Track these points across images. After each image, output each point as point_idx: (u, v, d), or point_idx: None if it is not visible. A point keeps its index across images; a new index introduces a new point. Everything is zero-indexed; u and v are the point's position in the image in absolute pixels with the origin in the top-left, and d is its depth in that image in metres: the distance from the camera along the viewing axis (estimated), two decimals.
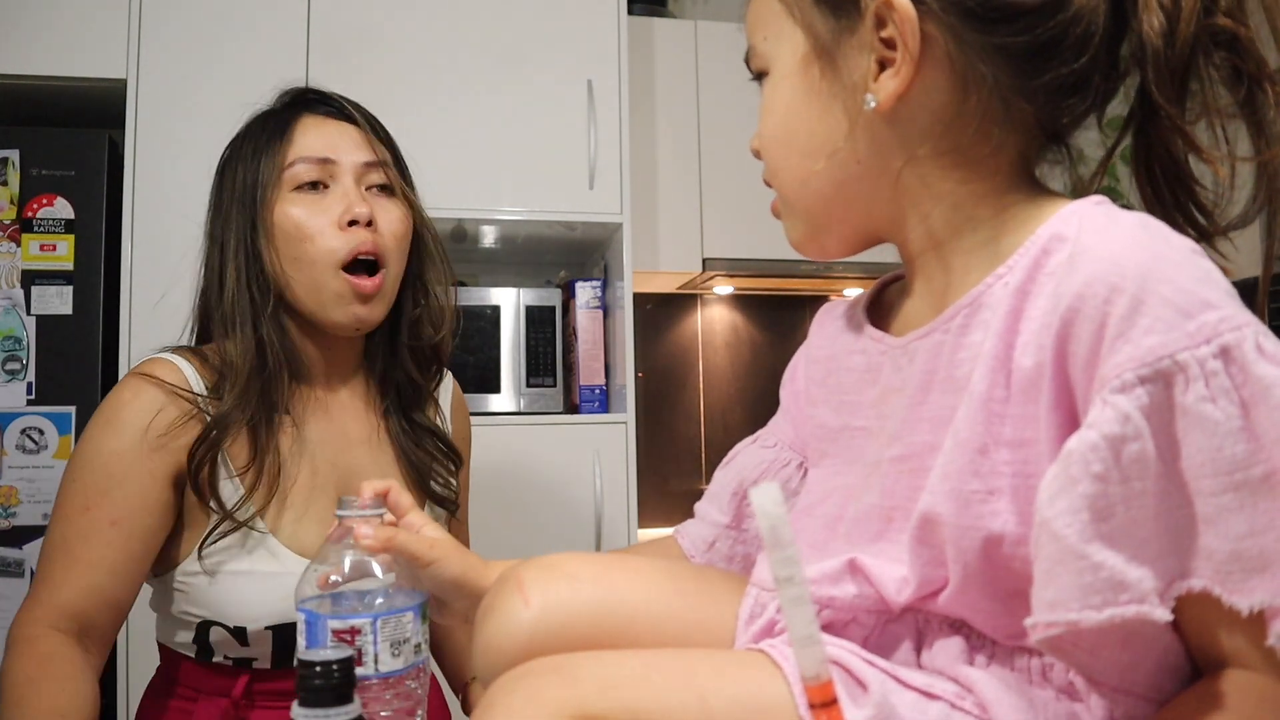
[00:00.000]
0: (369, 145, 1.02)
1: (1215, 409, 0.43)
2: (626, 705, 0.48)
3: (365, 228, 0.96)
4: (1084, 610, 0.43)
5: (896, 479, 0.56)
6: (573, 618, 0.57)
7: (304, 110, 1.02)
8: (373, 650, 0.66)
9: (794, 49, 0.59)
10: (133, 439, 0.91)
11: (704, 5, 2.79)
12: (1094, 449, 0.43)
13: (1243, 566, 0.43)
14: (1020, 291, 0.51)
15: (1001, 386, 0.50)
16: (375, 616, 0.67)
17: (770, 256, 2.42)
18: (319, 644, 0.66)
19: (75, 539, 0.89)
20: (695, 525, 0.78)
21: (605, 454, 2.04)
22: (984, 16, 0.52)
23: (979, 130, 0.55)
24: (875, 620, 0.55)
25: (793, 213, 0.62)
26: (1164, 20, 0.51)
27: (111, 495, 0.90)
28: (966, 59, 0.53)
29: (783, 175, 0.61)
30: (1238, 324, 0.43)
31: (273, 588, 0.91)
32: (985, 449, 0.50)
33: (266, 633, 0.92)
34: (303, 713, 0.50)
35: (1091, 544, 0.43)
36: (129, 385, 0.94)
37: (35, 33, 1.87)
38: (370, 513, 0.72)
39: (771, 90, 0.61)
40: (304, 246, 0.96)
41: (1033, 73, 0.53)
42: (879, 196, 0.59)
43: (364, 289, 0.96)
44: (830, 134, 0.58)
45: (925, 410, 0.55)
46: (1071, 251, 0.49)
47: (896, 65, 0.54)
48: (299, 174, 0.97)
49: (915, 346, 0.57)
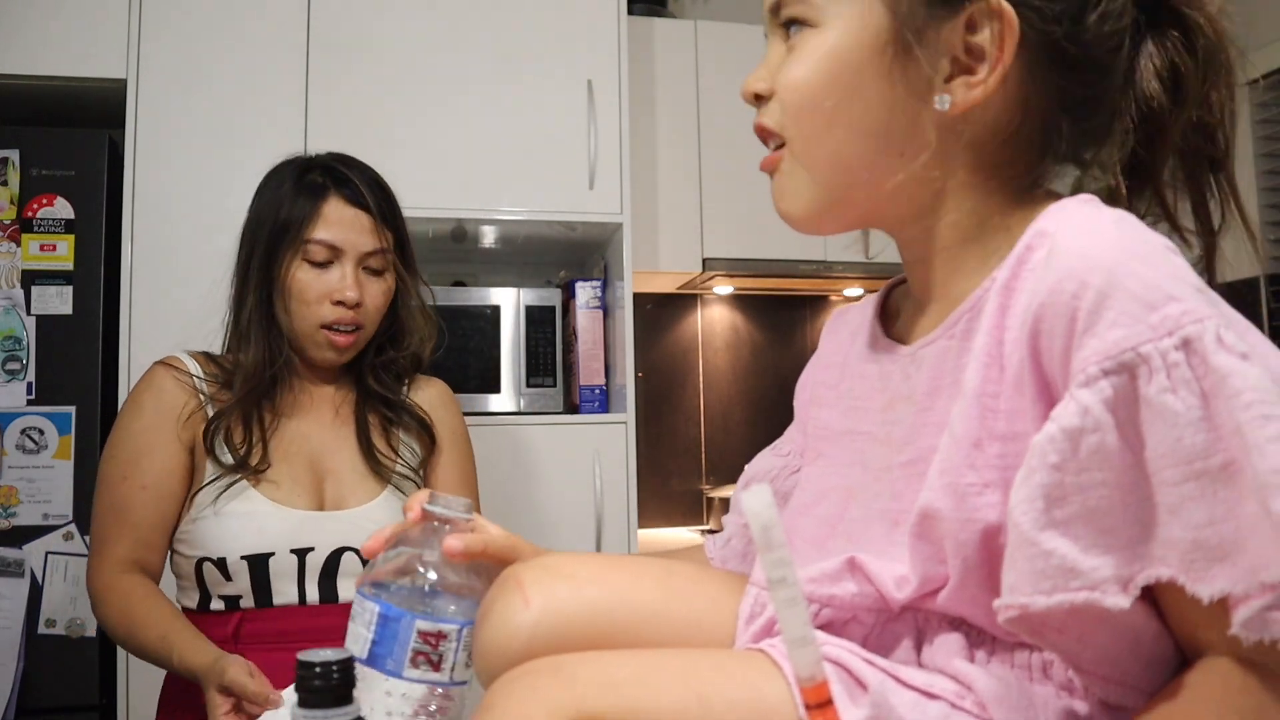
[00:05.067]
0: (375, 234, 1.25)
1: (1176, 400, 0.43)
2: (626, 705, 0.48)
3: (350, 308, 1.23)
4: (1034, 595, 0.45)
5: (906, 484, 0.56)
6: (573, 618, 0.57)
7: (331, 192, 1.24)
8: (452, 658, 0.63)
9: (865, 18, 0.57)
10: (153, 416, 1.18)
11: (704, 5, 2.79)
12: (1051, 440, 0.45)
13: (1204, 555, 0.43)
14: (1006, 288, 0.52)
15: (994, 381, 0.51)
16: (463, 624, 0.63)
17: (770, 256, 2.42)
18: (398, 641, 0.61)
19: (120, 504, 1.16)
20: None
21: (605, 454, 2.04)
22: (1064, 58, 0.56)
23: (1022, 153, 0.58)
24: (875, 619, 0.55)
25: (807, 175, 0.60)
26: (1164, 97, 0.57)
27: (141, 465, 1.16)
28: (1034, 88, 0.56)
29: (813, 141, 0.59)
30: (1199, 316, 0.44)
31: (246, 525, 1.15)
32: (980, 443, 0.50)
33: (243, 563, 1.14)
34: (303, 713, 0.50)
35: (1044, 532, 0.45)
36: (147, 375, 1.22)
37: (35, 33, 1.87)
38: (463, 516, 0.68)
39: (819, 44, 0.57)
40: (302, 307, 1.22)
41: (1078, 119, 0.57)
42: (903, 192, 0.59)
43: (338, 343, 1.24)
44: (882, 119, 0.57)
45: (932, 416, 0.56)
46: (1050, 248, 0.49)
47: (982, 75, 0.55)
48: (312, 252, 1.22)
49: (922, 354, 0.58)
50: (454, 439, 1.36)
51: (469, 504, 0.69)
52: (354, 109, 1.98)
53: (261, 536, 1.14)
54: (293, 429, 1.25)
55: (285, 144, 1.88)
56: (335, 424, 1.28)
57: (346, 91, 1.99)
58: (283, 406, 1.25)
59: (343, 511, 1.20)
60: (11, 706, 1.68)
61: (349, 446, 1.26)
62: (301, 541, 1.16)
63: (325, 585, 1.17)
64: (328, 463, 1.24)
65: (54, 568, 1.75)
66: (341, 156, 1.30)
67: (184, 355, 1.24)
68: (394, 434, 1.30)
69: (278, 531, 1.15)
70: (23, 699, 1.70)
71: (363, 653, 0.62)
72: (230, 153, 1.92)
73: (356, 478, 1.24)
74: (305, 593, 1.17)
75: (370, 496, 1.23)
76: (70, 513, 1.77)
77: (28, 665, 1.71)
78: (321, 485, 1.22)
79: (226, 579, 1.14)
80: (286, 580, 1.16)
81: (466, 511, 0.69)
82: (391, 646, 0.62)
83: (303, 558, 1.16)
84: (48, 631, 1.74)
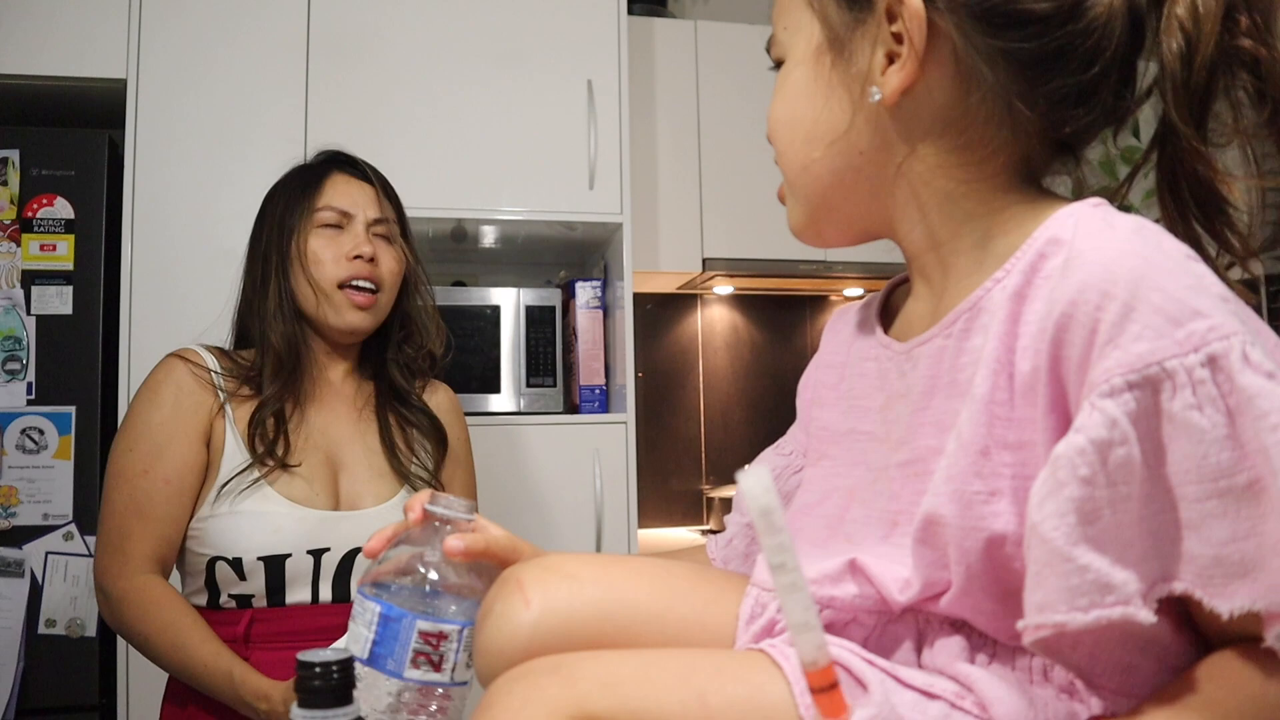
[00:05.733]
0: (379, 204, 1.29)
1: (1201, 417, 0.43)
2: (626, 705, 0.48)
3: (367, 262, 1.24)
4: (1071, 612, 0.44)
5: (903, 484, 0.56)
6: (573, 618, 0.57)
7: (335, 169, 1.30)
8: (454, 659, 0.63)
9: (809, 38, 0.60)
10: (171, 408, 1.16)
11: (704, 5, 2.79)
12: (1081, 453, 0.44)
13: (1224, 571, 0.43)
14: (1018, 295, 0.51)
15: (1003, 390, 0.50)
16: (464, 624, 0.63)
17: (770, 256, 2.42)
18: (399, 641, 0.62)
19: (143, 499, 1.13)
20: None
21: (605, 454, 2.04)
22: (992, 20, 0.53)
23: (980, 131, 0.56)
24: (876, 620, 0.55)
25: (794, 196, 0.63)
26: (1183, 44, 0.51)
27: (164, 458, 1.14)
28: (971, 59, 0.54)
29: (787, 159, 0.62)
30: (1226, 333, 0.44)
31: (262, 524, 1.13)
32: (987, 450, 0.50)
33: (259, 564, 1.13)
34: (302, 713, 0.50)
35: (1078, 546, 0.44)
36: (163, 366, 1.20)
37: (35, 33, 1.87)
38: (464, 516, 0.68)
39: (784, 76, 0.62)
40: (318, 268, 1.23)
41: (1037, 80, 0.54)
42: (879, 189, 0.59)
43: (358, 301, 1.24)
44: (833, 122, 0.58)
45: (928, 415, 0.55)
46: (1067, 256, 0.49)
47: (902, 60, 0.55)
48: (324, 217, 1.25)
49: (918, 353, 0.58)
50: (459, 447, 1.37)
51: (471, 505, 0.69)
52: (354, 109, 1.98)
53: (278, 536, 1.13)
54: (311, 422, 1.24)
55: (285, 144, 1.89)
56: (354, 419, 1.27)
57: (346, 91, 1.99)
58: (304, 398, 1.25)
59: (358, 511, 1.20)
60: (11, 706, 1.68)
61: (367, 443, 1.26)
62: (318, 542, 1.16)
63: (339, 585, 1.17)
64: (344, 458, 1.23)
65: (54, 568, 1.75)
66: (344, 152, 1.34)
67: (199, 348, 1.23)
68: (410, 433, 1.30)
69: (294, 532, 1.14)
70: (23, 699, 1.70)
71: (363, 653, 0.62)
72: (230, 153, 1.92)
73: (372, 474, 1.23)
74: (319, 592, 1.16)
75: (386, 496, 1.23)
76: (70, 513, 1.77)
77: (28, 665, 1.71)
78: (337, 481, 1.21)
79: (241, 578, 1.13)
80: (301, 580, 1.15)
81: (468, 512, 0.69)
82: (392, 646, 0.62)
83: (318, 558, 1.16)
84: (48, 631, 1.74)
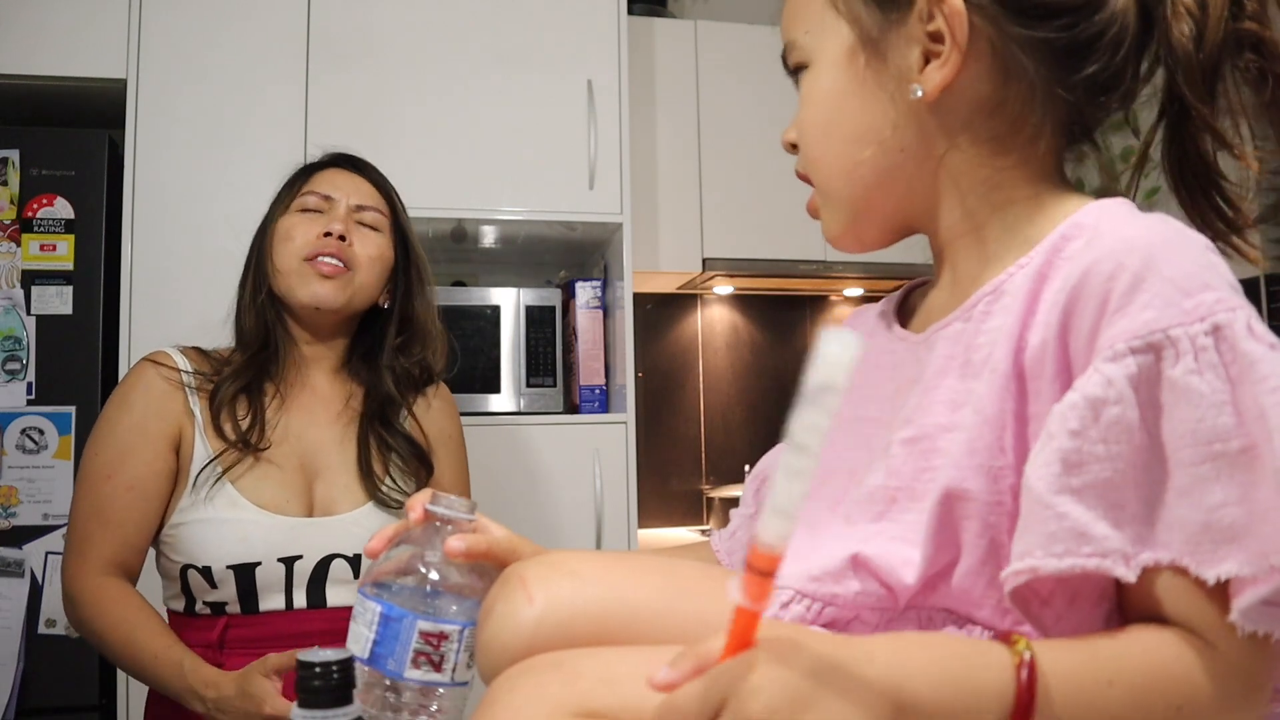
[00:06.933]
0: (369, 194, 1.27)
1: (1201, 381, 0.44)
2: (627, 702, 0.48)
3: (338, 239, 1.20)
4: (1046, 558, 0.45)
5: (905, 460, 0.56)
6: (576, 615, 0.57)
7: (330, 165, 1.29)
8: (454, 659, 0.62)
9: (839, 41, 0.60)
10: (140, 414, 1.15)
11: (704, 5, 2.79)
12: (1073, 407, 0.46)
13: (1213, 537, 0.44)
14: (1039, 275, 0.53)
15: (1021, 364, 0.52)
16: (465, 624, 0.63)
17: (770, 256, 2.41)
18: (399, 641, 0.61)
19: (104, 503, 1.12)
20: None
21: (605, 454, 2.04)
22: (1028, 12, 0.55)
23: (1018, 120, 0.58)
24: (878, 618, 0.55)
25: (833, 204, 0.63)
26: (1193, 26, 0.54)
27: (127, 464, 1.13)
28: (1009, 52, 0.56)
29: (824, 165, 0.62)
30: (1233, 305, 0.45)
31: (230, 532, 1.12)
32: (1008, 424, 0.51)
33: (228, 572, 1.11)
34: (302, 714, 0.50)
35: (1059, 495, 0.45)
36: (134, 370, 1.19)
37: (35, 33, 1.87)
38: (466, 516, 0.68)
39: (813, 82, 0.62)
40: (285, 244, 1.21)
41: (1072, 68, 0.56)
42: (920, 184, 0.60)
43: (323, 270, 1.19)
44: (875, 123, 0.59)
45: (939, 394, 0.56)
46: (1088, 238, 0.51)
47: (944, 57, 0.56)
48: (305, 201, 1.24)
49: (936, 338, 0.59)
50: (451, 444, 1.34)
51: (472, 504, 0.69)
52: (354, 108, 1.98)
53: (247, 545, 1.11)
54: (291, 420, 1.21)
55: (285, 144, 1.89)
56: (336, 425, 1.24)
57: (346, 91, 1.99)
58: (285, 390, 1.22)
59: (331, 518, 1.18)
60: (11, 706, 1.68)
61: (345, 450, 1.23)
62: (288, 550, 1.13)
63: (314, 592, 1.15)
64: (320, 464, 1.21)
65: (54, 568, 1.75)
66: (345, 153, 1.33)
67: (172, 351, 1.21)
68: (390, 458, 1.25)
69: (263, 540, 1.12)
70: (23, 699, 1.70)
71: (364, 653, 0.62)
72: (230, 153, 1.92)
73: (348, 480, 1.21)
74: (293, 599, 1.14)
75: (361, 502, 1.20)
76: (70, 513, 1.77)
77: (28, 665, 1.71)
78: (311, 487, 1.19)
79: (212, 586, 1.11)
80: (274, 588, 1.13)
81: (469, 512, 0.69)
82: (393, 646, 0.62)
83: (290, 566, 1.13)
84: (48, 631, 1.73)
